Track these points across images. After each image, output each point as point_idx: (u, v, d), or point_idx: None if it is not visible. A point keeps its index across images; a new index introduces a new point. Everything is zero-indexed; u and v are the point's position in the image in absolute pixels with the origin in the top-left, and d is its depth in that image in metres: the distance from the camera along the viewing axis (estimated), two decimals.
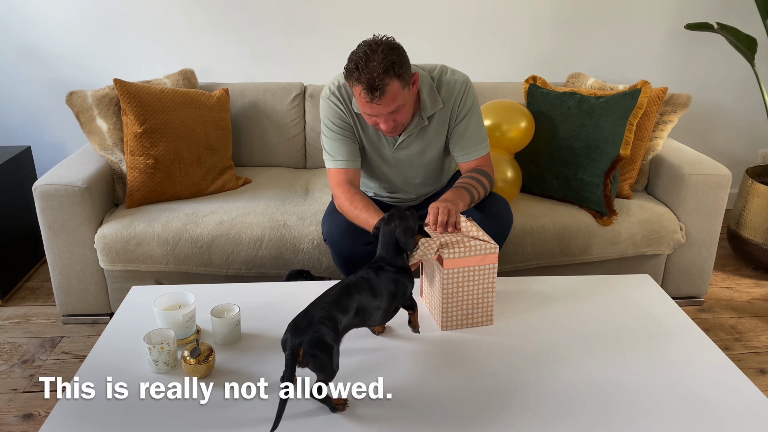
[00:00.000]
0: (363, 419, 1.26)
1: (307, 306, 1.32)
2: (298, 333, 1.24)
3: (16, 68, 2.94)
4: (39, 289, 2.58)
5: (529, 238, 2.24)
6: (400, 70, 1.60)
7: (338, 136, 1.85)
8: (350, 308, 1.34)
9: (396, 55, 1.60)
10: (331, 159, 1.86)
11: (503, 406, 1.30)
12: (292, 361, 1.21)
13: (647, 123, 2.37)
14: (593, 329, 1.59)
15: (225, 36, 2.95)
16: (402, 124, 1.75)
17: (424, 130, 1.85)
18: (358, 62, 1.59)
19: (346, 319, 1.32)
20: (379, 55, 1.58)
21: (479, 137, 1.88)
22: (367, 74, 1.57)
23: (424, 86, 1.79)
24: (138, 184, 2.27)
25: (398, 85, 1.61)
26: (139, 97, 2.27)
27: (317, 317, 1.27)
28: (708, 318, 2.42)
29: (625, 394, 1.34)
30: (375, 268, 1.46)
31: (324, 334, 1.25)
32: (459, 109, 1.84)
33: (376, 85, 1.58)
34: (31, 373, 2.04)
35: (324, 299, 1.33)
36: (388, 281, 1.44)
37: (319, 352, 1.23)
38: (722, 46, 2.93)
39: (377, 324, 1.47)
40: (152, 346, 1.37)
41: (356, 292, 1.37)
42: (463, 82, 1.83)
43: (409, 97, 1.69)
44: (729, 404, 1.33)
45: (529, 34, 3.05)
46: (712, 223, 2.34)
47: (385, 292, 1.43)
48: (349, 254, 1.86)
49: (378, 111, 1.65)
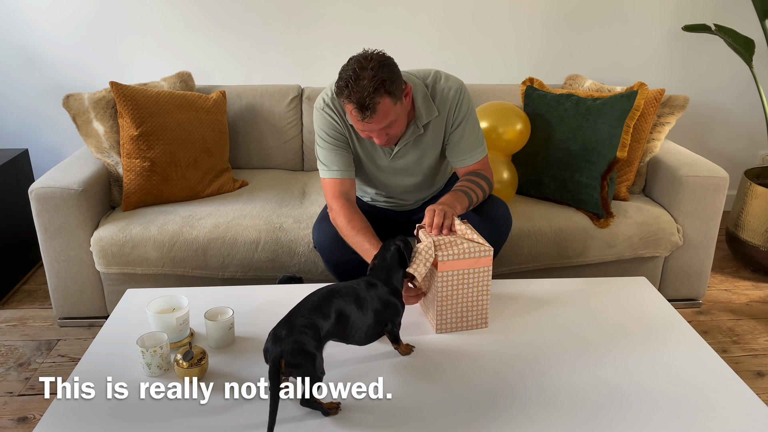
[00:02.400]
0: (355, 423, 1.25)
1: (288, 312, 1.30)
2: (278, 343, 1.22)
3: (14, 71, 2.94)
4: (36, 291, 2.58)
5: (525, 240, 2.24)
6: (391, 87, 1.58)
7: (333, 147, 1.84)
8: (331, 314, 1.32)
9: (386, 72, 1.58)
10: (326, 169, 1.86)
11: (499, 410, 1.30)
12: (275, 372, 1.20)
13: (644, 125, 2.36)
14: (589, 332, 1.59)
15: (222, 38, 2.95)
16: (396, 136, 1.74)
17: (420, 139, 1.85)
18: (348, 80, 1.57)
19: (327, 324, 1.30)
20: (369, 72, 1.55)
21: (476, 142, 1.87)
22: (357, 93, 1.56)
23: (419, 94, 1.78)
24: (134, 186, 2.27)
25: (389, 102, 1.59)
26: (135, 100, 2.27)
27: (297, 325, 1.25)
28: (706, 320, 2.41)
29: (620, 398, 1.34)
30: (367, 282, 1.44)
31: (305, 342, 1.22)
32: (455, 116, 1.83)
33: (366, 104, 1.56)
34: (27, 376, 2.04)
35: (305, 305, 1.31)
36: (377, 299, 1.41)
37: (301, 360, 1.21)
38: (720, 48, 2.92)
39: (358, 342, 1.41)
40: (145, 350, 1.37)
41: (339, 298, 1.35)
42: (457, 89, 1.82)
43: (402, 111, 1.67)
44: (725, 408, 1.32)
45: (527, 35, 3.05)
46: (709, 225, 2.33)
47: (372, 308, 1.39)
48: (339, 262, 1.87)
49: (370, 128, 1.65)
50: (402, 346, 1.48)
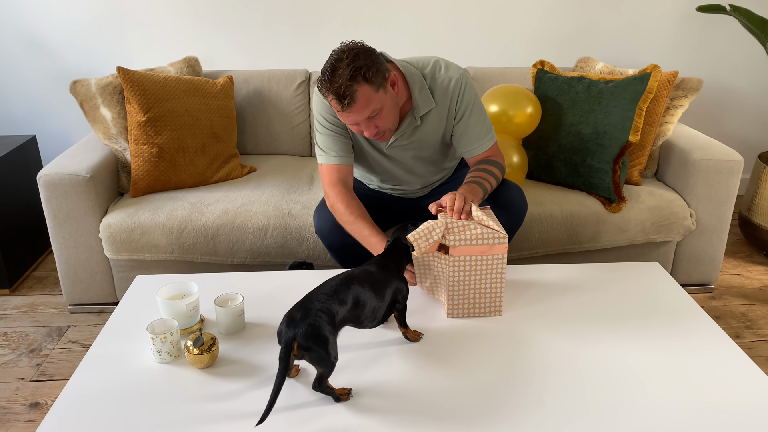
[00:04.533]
0: (366, 409, 1.25)
1: (304, 296, 1.30)
2: (292, 325, 1.22)
3: (21, 58, 2.94)
4: (46, 278, 2.59)
5: (537, 225, 2.22)
6: (368, 73, 1.56)
7: (331, 132, 1.82)
8: (348, 300, 1.31)
9: (364, 59, 1.56)
10: (324, 154, 1.84)
11: (511, 396, 1.29)
12: (286, 354, 1.20)
13: (657, 108, 2.33)
14: (601, 318, 1.57)
15: (229, 23, 2.92)
16: (389, 129, 1.71)
17: (418, 130, 1.82)
18: (325, 73, 1.58)
19: (343, 310, 1.30)
20: (344, 62, 1.55)
21: (483, 131, 1.84)
22: (334, 84, 1.56)
23: (416, 85, 1.75)
24: (142, 173, 2.27)
25: (369, 89, 1.58)
26: (142, 86, 2.25)
27: (313, 309, 1.24)
28: (718, 305, 2.39)
29: (634, 384, 1.33)
30: (381, 264, 1.45)
31: (319, 326, 1.22)
32: (457, 108, 1.80)
33: (343, 93, 1.56)
34: (38, 362, 2.05)
35: (322, 290, 1.31)
36: (391, 277, 1.43)
37: (314, 344, 1.20)
38: (735, 29, 2.87)
39: (370, 324, 1.41)
40: (155, 336, 1.37)
41: (356, 284, 1.35)
42: (458, 79, 1.78)
43: (387, 99, 1.65)
44: (738, 393, 1.30)
45: (537, 17, 3.00)
46: (723, 209, 2.30)
47: (386, 288, 1.40)
48: (341, 246, 1.86)
49: (354, 118, 1.63)
50: (410, 332, 1.48)
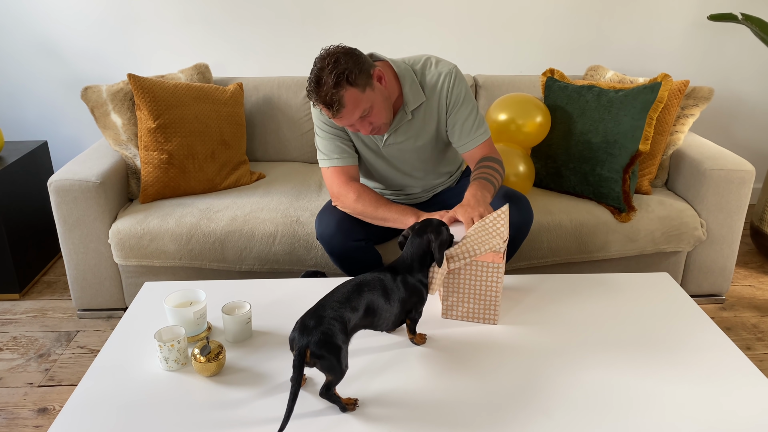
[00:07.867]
0: (373, 419, 1.24)
1: (317, 303, 1.30)
2: (305, 333, 1.22)
3: (33, 64, 2.96)
4: (56, 283, 2.60)
5: (545, 234, 2.21)
6: (351, 76, 1.58)
7: (331, 136, 1.85)
8: (360, 307, 1.31)
9: (345, 63, 1.58)
10: (327, 158, 1.86)
11: (517, 406, 1.28)
12: (299, 362, 1.20)
13: (668, 117, 2.32)
14: (609, 329, 1.56)
15: (239, 30, 2.94)
16: (384, 123, 1.74)
17: (410, 124, 1.85)
18: (311, 83, 1.61)
19: (355, 318, 1.30)
20: (327, 70, 1.58)
21: (475, 124, 1.86)
22: (321, 94, 1.59)
23: (406, 81, 1.78)
24: (152, 179, 2.28)
25: (355, 92, 1.60)
26: (152, 92, 2.27)
27: (326, 317, 1.24)
28: (729, 316, 2.37)
29: (641, 397, 1.31)
30: (393, 271, 1.42)
31: (332, 334, 1.22)
32: (448, 101, 1.82)
33: (331, 100, 1.59)
34: (46, 367, 2.06)
35: (334, 297, 1.30)
36: (403, 287, 1.41)
37: (326, 353, 1.20)
38: (747, 38, 2.86)
39: (385, 329, 1.42)
40: (163, 344, 1.37)
41: (368, 291, 1.34)
42: (447, 73, 1.80)
43: (376, 96, 1.67)
44: (748, 407, 1.29)
45: (547, 25, 3.00)
46: (734, 219, 2.29)
47: (398, 297, 1.39)
48: (342, 251, 1.87)
49: (347, 121, 1.66)
50: (417, 337, 1.49)
